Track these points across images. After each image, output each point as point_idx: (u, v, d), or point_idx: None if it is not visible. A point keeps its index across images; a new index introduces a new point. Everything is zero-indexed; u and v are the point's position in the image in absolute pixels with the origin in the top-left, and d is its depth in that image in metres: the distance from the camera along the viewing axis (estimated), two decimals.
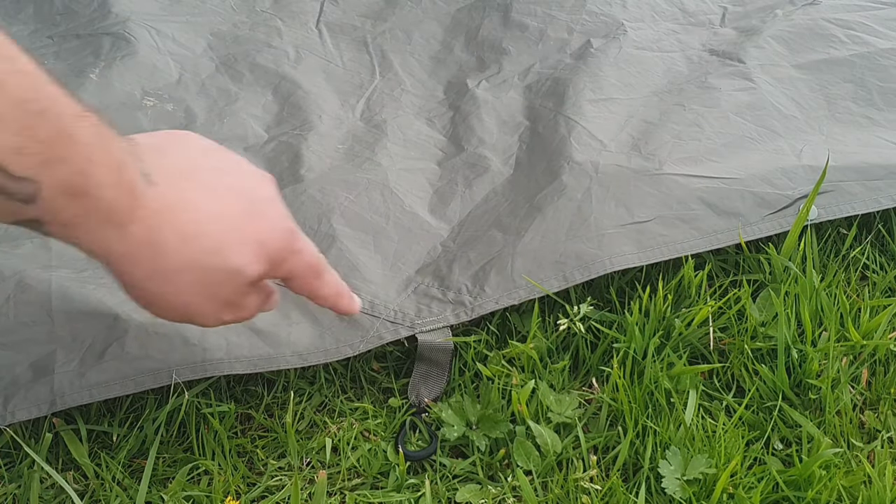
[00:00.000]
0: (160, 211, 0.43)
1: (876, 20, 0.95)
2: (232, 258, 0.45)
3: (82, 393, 0.57)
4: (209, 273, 0.45)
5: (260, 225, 0.47)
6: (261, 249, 0.47)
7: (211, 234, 0.45)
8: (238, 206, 0.46)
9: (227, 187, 0.47)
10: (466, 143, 0.82)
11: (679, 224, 0.69)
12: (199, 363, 0.59)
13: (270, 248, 0.47)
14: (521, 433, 0.59)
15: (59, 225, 0.40)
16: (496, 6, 1.01)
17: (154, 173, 0.43)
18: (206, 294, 0.46)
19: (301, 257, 0.50)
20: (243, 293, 0.48)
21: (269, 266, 0.48)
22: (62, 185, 0.38)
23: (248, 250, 0.46)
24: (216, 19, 1.00)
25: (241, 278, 0.46)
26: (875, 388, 0.63)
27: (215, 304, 0.47)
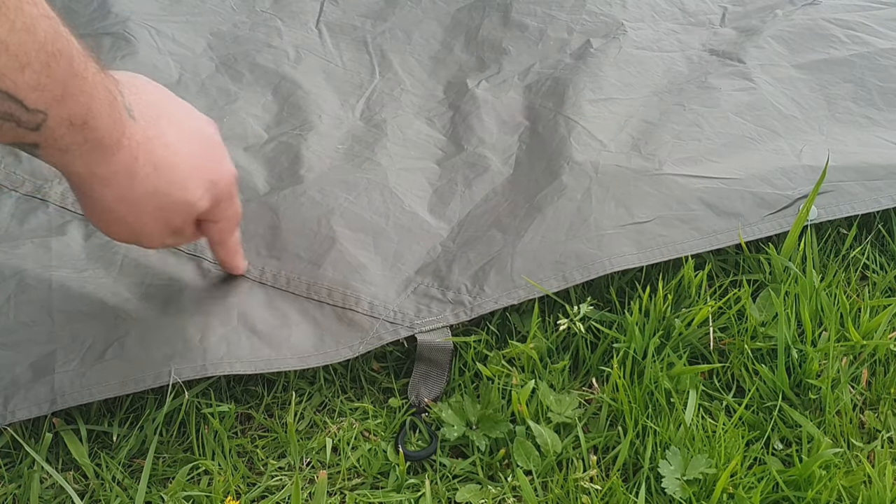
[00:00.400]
0: (141, 142, 0.49)
1: (876, 20, 0.95)
2: (191, 191, 0.52)
3: (82, 392, 0.57)
4: (170, 202, 0.52)
5: (215, 166, 0.54)
6: (212, 188, 0.54)
7: (179, 168, 0.51)
8: (198, 145, 0.53)
9: (190, 128, 0.54)
10: (466, 142, 0.82)
11: (679, 224, 0.69)
12: (200, 364, 0.59)
13: (219, 187, 0.55)
14: (521, 433, 0.59)
15: (56, 150, 0.45)
16: (496, 6, 1.01)
17: (134, 108, 0.49)
18: (161, 220, 0.53)
19: (234, 203, 0.58)
20: (189, 223, 0.55)
21: (213, 203, 0.55)
22: (68, 117, 0.43)
23: (203, 186, 0.53)
24: (216, 19, 1.00)
25: (192, 210, 0.53)
26: (875, 388, 0.63)
27: (165, 230, 0.54)
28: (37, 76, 0.40)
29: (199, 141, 0.54)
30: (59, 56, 0.41)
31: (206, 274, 0.67)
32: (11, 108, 0.40)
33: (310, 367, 0.61)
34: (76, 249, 0.69)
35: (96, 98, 0.44)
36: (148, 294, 0.64)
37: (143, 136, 0.49)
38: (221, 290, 0.66)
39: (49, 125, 0.43)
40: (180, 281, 0.66)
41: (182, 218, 0.54)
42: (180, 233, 0.55)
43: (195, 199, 0.53)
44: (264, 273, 0.68)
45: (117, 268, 0.67)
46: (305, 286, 0.67)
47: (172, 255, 0.69)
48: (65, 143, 0.44)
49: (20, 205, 0.73)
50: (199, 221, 0.57)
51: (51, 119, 0.43)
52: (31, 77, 0.40)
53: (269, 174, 0.77)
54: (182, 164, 0.52)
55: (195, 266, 0.68)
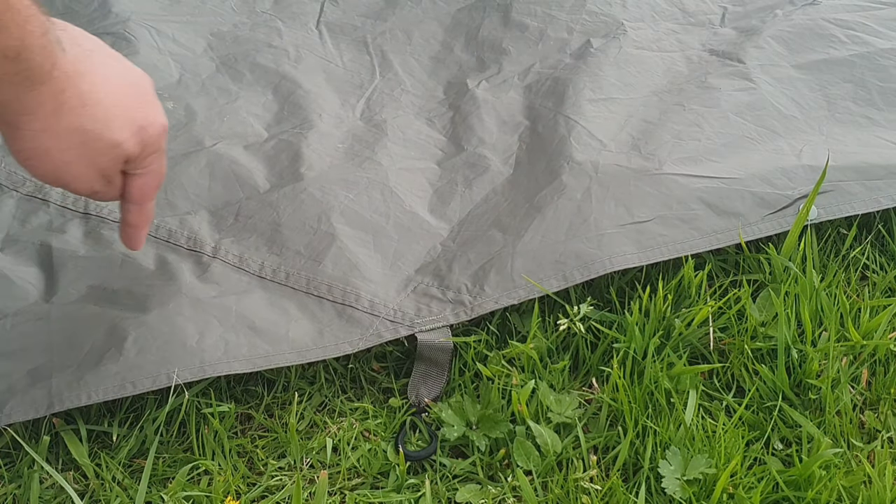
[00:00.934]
0: (69, 76, 0.49)
1: (876, 20, 0.95)
2: (116, 132, 0.52)
3: (80, 395, 0.57)
4: (94, 140, 0.51)
5: (144, 112, 0.54)
6: (140, 132, 0.53)
7: (104, 105, 0.51)
8: (129, 89, 0.53)
9: (120, 73, 0.54)
10: (466, 142, 0.82)
11: (679, 224, 0.69)
12: (198, 365, 0.59)
13: (148, 133, 0.54)
14: (521, 433, 0.59)
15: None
16: (496, 6, 1.01)
17: (64, 41, 0.49)
18: (86, 159, 0.52)
19: (161, 158, 0.57)
20: (116, 168, 0.54)
21: (141, 150, 0.54)
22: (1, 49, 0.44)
23: (129, 129, 0.53)
24: (216, 20, 1.00)
25: (119, 151, 0.53)
26: (875, 388, 0.63)
27: (91, 172, 0.53)
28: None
29: (129, 85, 0.54)
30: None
31: (206, 269, 0.67)
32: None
33: (309, 361, 0.61)
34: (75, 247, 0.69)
35: (29, 31, 0.45)
36: (147, 294, 0.64)
37: (73, 70, 0.49)
38: (220, 287, 0.66)
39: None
40: (179, 280, 0.66)
41: (108, 159, 0.53)
42: (109, 179, 0.54)
43: (121, 140, 0.52)
44: (263, 268, 0.68)
45: (117, 267, 0.67)
46: (305, 281, 0.67)
47: (172, 251, 0.69)
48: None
49: (21, 205, 0.73)
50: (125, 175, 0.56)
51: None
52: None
53: (270, 172, 0.78)
54: (110, 103, 0.51)
55: (194, 262, 0.68)
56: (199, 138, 0.80)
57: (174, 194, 0.74)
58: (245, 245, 0.70)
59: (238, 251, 0.69)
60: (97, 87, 0.51)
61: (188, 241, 0.70)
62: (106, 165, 0.53)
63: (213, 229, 0.71)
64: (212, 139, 0.80)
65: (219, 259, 0.69)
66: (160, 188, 0.59)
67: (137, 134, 0.53)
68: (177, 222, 0.72)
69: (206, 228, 0.71)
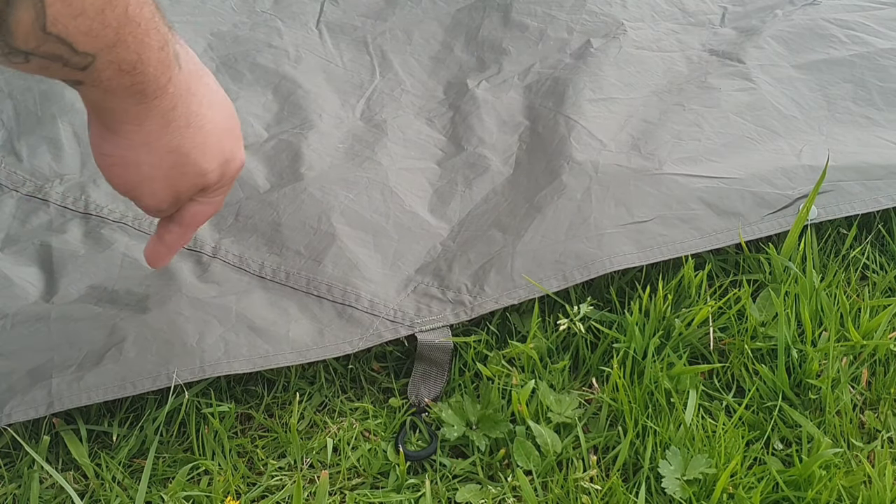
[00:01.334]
0: (181, 94, 0.48)
1: (876, 20, 0.95)
2: (209, 160, 0.51)
3: (80, 395, 0.57)
4: (186, 164, 0.50)
5: (233, 144, 0.54)
6: (225, 166, 0.53)
7: (206, 131, 0.50)
8: (226, 119, 0.53)
9: (221, 101, 0.53)
10: (466, 142, 0.82)
11: (679, 224, 0.69)
12: (198, 366, 0.59)
13: (231, 167, 0.54)
14: (521, 433, 0.59)
15: (100, 90, 0.44)
16: (496, 6, 1.01)
17: (181, 56, 0.48)
18: (171, 180, 0.51)
19: (228, 191, 0.57)
20: (191, 194, 0.53)
21: (218, 181, 0.54)
22: (116, 62, 0.43)
23: (218, 161, 0.52)
24: (216, 19, 1.00)
25: (202, 180, 0.52)
26: (875, 388, 0.63)
27: (169, 193, 0.52)
28: (90, 22, 0.40)
29: (227, 116, 0.53)
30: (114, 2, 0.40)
31: (206, 269, 0.67)
32: (61, 50, 0.40)
33: (309, 360, 0.61)
34: (75, 247, 0.69)
35: (147, 45, 0.43)
36: (147, 294, 0.64)
37: (186, 89, 0.48)
38: (220, 287, 0.66)
39: (97, 67, 0.42)
40: (178, 280, 0.66)
41: (188, 185, 0.52)
42: (178, 203, 0.54)
43: (209, 169, 0.52)
44: (263, 268, 0.68)
45: (117, 267, 0.67)
46: (305, 281, 0.67)
47: None
48: (111, 84, 0.44)
49: (21, 205, 0.73)
50: None
51: (99, 62, 0.42)
52: (83, 23, 0.39)
53: (270, 172, 0.78)
54: (211, 129, 0.51)
55: (194, 262, 0.68)
56: None
57: None
58: (245, 245, 0.70)
59: (238, 251, 0.69)
60: (204, 110, 0.50)
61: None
62: (184, 190, 0.52)
63: (213, 229, 0.71)
64: None
65: (219, 259, 0.69)
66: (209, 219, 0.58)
67: (223, 165, 0.53)
68: None
69: (206, 228, 0.71)
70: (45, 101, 0.83)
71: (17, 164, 0.77)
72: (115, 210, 0.73)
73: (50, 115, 0.81)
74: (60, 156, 0.78)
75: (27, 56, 0.40)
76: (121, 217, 0.72)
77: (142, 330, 0.61)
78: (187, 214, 0.56)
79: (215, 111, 0.51)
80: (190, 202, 0.55)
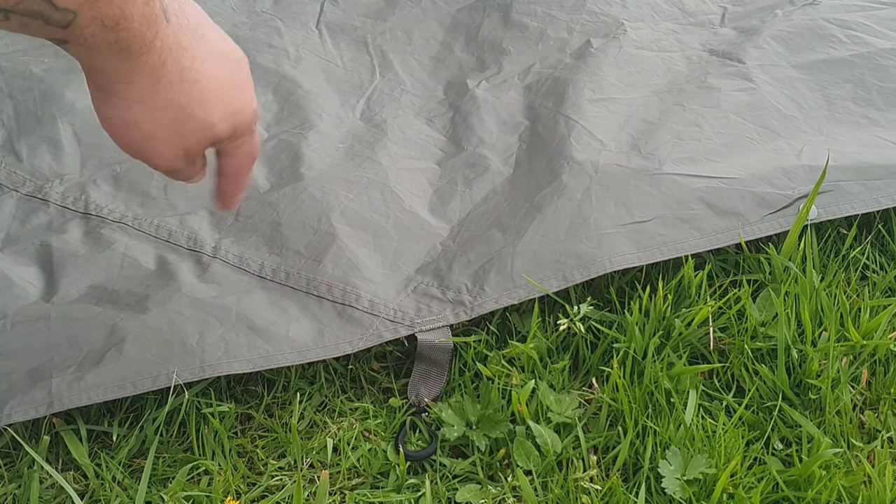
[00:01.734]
0: (171, 48, 0.47)
1: (876, 20, 0.95)
2: (209, 113, 0.50)
3: (80, 395, 0.57)
4: (187, 118, 0.49)
5: (239, 95, 0.52)
6: (233, 116, 0.52)
7: (202, 84, 0.49)
8: (227, 70, 0.51)
9: (221, 50, 0.51)
10: (466, 142, 0.82)
11: (679, 224, 0.69)
12: (198, 365, 0.59)
13: (240, 117, 0.52)
14: (521, 433, 0.59)
15: (85, 47, 0.44)
16: (496, 6, 1.01)
17: (169, 10, 0.47)
18: (175, 136, 0.50)
19: (253, 140, 0.55)
20: (202, 149, 0.53)
21: (231, 133, 0.53)
22: (99, 17, 0.42)
23: (223, 111, 0.51)
24: (216, 20, 0.98)
25: (209, 133, 0.51)
26: (875, 388, 0.63)
27: (176, 150, 0.51)
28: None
29: (228, 66, 0.52)
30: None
31: (206, 269, 0.67)
32: (41, 6, 0.40)
33: (309, 360, 0.61)
34: (75, 247, 0.69)
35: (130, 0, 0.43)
36: (147, 294, 0.64)
37: (175, 43, 0.47)
38: (220, 287, 0.66)
39: (79, 24, 0.42)
40: (179, 280, 0.66)
41: (196, 140, 0.51)
42: (191, 159, 0.53)
43: (213, 121, 0.51)
44: (263, 268, 0.68)
45: (117, 267, 0.67)
46: (305, 281, 0.67)
47: (172, 251, 0.69)
48: (95, 41, 0.43)
49: (21, 205, 0.73)
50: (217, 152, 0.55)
51: (80, 18, 0.41)
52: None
53: (270, 172, 0.78)
54: (208, 82, 0.50)
55: (194, 262, 0.68)
56: None
57: (174, 194, 0.74)
58: (245, 245, 0.70)
59: (238, 251, 0.69)
60: (197, 64, 0.49)
61: (188, 241, 0.70)
62: (193, 145, 0.51)
63: (213, 229, 0.71)
64: None
65: (219, 259, 0.69)
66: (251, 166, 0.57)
67: (230, 117, 0.52)
68: (177, 222, 0.72)
69: (207, 228, 0.71)
70: (45, 101, 0.83)
71: (17, 164, 0.77)
72: (115, 210, 0.73)
73: (50, 115, 0.81)
74: (60, 156, 0.78)
75: (6, 14, 0.40)
76: (121, 217, 0.72)
77: (142, 330, 0.61)
78: (226, 167, 0.56)
79: (212, 64, 0.50)
80: (223, 155, 0.55)
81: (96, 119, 0.49)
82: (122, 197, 0.74)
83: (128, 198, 0.74)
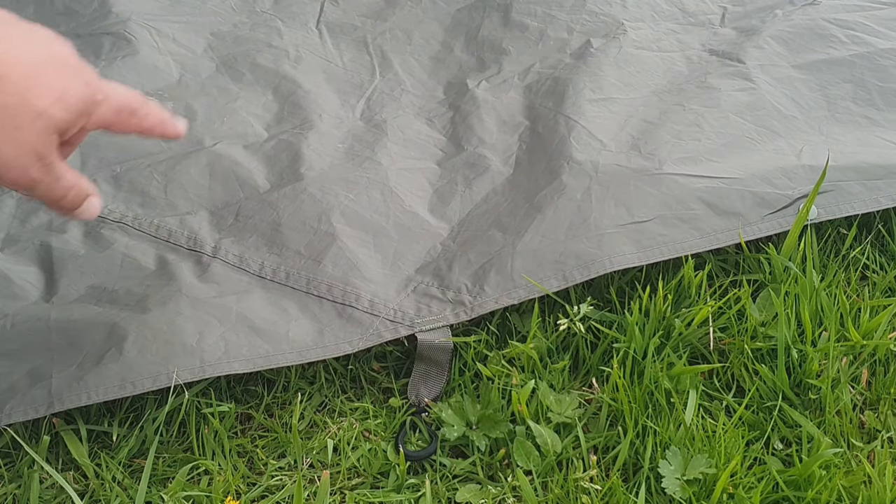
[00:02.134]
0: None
1: (876, 20, 0.95)
2: (35, 100, 0.46)
3: (80, 395, 0.57)
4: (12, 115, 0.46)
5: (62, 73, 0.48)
6: (63, 96, 0.47)
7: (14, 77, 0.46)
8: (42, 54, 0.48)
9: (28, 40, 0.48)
10: (466, 142, 0.82)
11: (679, 224, 0.69)
12: (198, 366, 0.59)
13: (73, 96, 0.48)
14: (521, 433, 0.59)
15: None
16: (496, 6, 1.01)
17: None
18: (11, 139, 0.46)
19: (108, 104, 0.51)
20: (50, 145, 0.48)
21: (76, 115, 0.48)
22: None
23: (51, 94, 0.47)
24: (216, 20, 1.00)
25: (45, 122, 0.47)
26: (875, 388, 0.63)
27: (23, 153, 0.47)
28: None
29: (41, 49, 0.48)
30: None
31: (206, 269, 0.67)
32: None
33: (309, 360, 0.61)
34: (75, 247, 0.69)
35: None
36: (147, 294, 0.64)
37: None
38: (220, 287, 0.66)
39: None
40: (179, 280, 0.66)
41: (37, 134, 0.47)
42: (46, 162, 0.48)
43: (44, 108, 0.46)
44: (263, 268, 0.68)
45: (117, 267, 0.67)
46: (305, 281, 0.67)
47: (172, 251, 0.69)
48: None
49: (21, 205, 0.73)
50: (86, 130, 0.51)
51: None
52: None
53: (270, 172, 0.78)
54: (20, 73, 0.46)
55: (194, 262, 0.68)
56: (200, 138, 0.80)
57: (174, 194, 0.74)
58: (245, 245, 0.70)
59: (238, 251, 0.69)
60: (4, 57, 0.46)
61: (188, 241, 0.70)
62: (36, 142, 0.47)
63: (213, 229, 0.71)
64: (212, 139, 0.80)
65: (219, 259, 0.69)
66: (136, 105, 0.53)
67: (61, 98, 0.48)
68: (177, 222, 0.72)
69: (206, 228, 0.71)
70: None
71: None
72: (115, 210, 0.73)
73: None
74: None
75: None
76: (121, 217, 0.72)
77: (142, 330, 0.61)
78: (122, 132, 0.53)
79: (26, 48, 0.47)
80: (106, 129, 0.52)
81: None
82: (122, 197, 0.74)
83: (128, 198, 0.74)
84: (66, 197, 0.51)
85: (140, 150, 0.78)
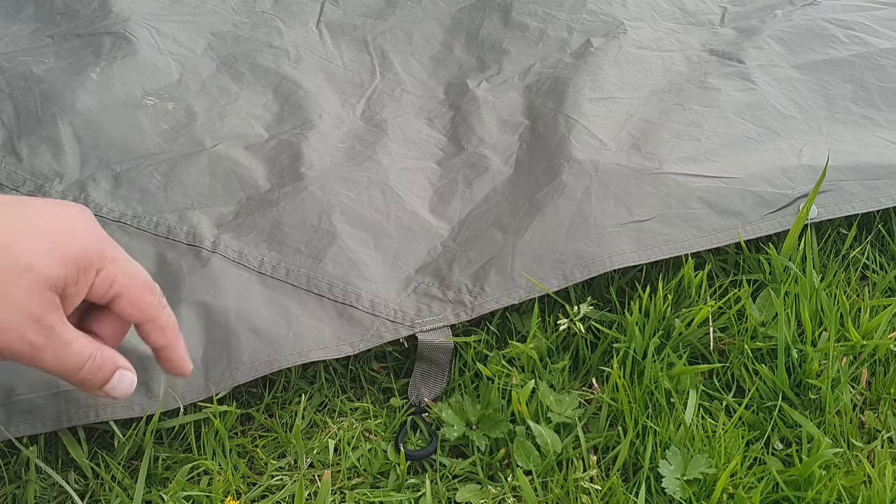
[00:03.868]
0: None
1: (876, 20, 0.95)
2: (21, 255, 0.43)
3: (88, 412, 0.56)
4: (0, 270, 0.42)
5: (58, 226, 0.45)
6: (56, 248, 0.44)
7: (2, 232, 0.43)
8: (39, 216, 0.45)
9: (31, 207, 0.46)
10: (467, 142, 0.82)
11: (679, 223, 0.69)
12: (202, 384, 0.59)
13: (70, 249, 0.45)
14: (521, 433, 0.59)
15: None
16: (496, 6, 1.01)
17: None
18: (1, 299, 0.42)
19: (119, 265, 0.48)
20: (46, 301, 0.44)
21: (73, 270, 0.45)
22: None
23: (41, 248, 0.44)
24: (216, 19, 1.00)
25: (35, 276, 0.43)
26: (875, 388, 0.63)
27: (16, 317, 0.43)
28: None
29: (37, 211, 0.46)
30: None
31: (205, 264, 0.67)
32: None
33: (310, 361, 0.61)
34: None
35: None
36: None
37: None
38: (219, 287, 0.66)
39: None
40: (179, 279, 0.66)
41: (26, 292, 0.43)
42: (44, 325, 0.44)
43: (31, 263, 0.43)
44: (263, 263, 0.68)
45: None
46: (305, 279, 0.67)
47: (171, 248, 0.69)
48: None
49: None
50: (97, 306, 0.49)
51: None
52: None
53: (270, 172, 0.78)
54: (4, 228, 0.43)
55: (193, 257, 0.68)
56: (200, 139, 0.80)
57: (174, 194, 0.74)
58: (245, 241, 0.70)
59: (238, 246, 0.69)
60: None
61: (187, 236, 0.70)
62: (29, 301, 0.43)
63: (212, 224, 0.71)
64: (212, 140, 0.80)
65: (218, 254, 0.68)
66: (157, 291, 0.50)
67: (53, 250, 0.44)
68: (176, 218, 0.71)
69: (206, 223, 0.71)
70: (46, 101, 0.83)
71: (18, 163, 0.77)
72: (115, 209, 0.73)
73: (50, 115, 0.81)
74: (60, 155, 0.78)
75: None
76: (120, 216, 0.72)
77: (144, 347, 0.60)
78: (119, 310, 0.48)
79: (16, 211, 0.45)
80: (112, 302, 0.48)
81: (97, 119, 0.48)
82: (122, 195, 0.74)
83: (127, 196, 0.74)
84: (84, 367, 0.47)
85: (141, 150, 0.78)
